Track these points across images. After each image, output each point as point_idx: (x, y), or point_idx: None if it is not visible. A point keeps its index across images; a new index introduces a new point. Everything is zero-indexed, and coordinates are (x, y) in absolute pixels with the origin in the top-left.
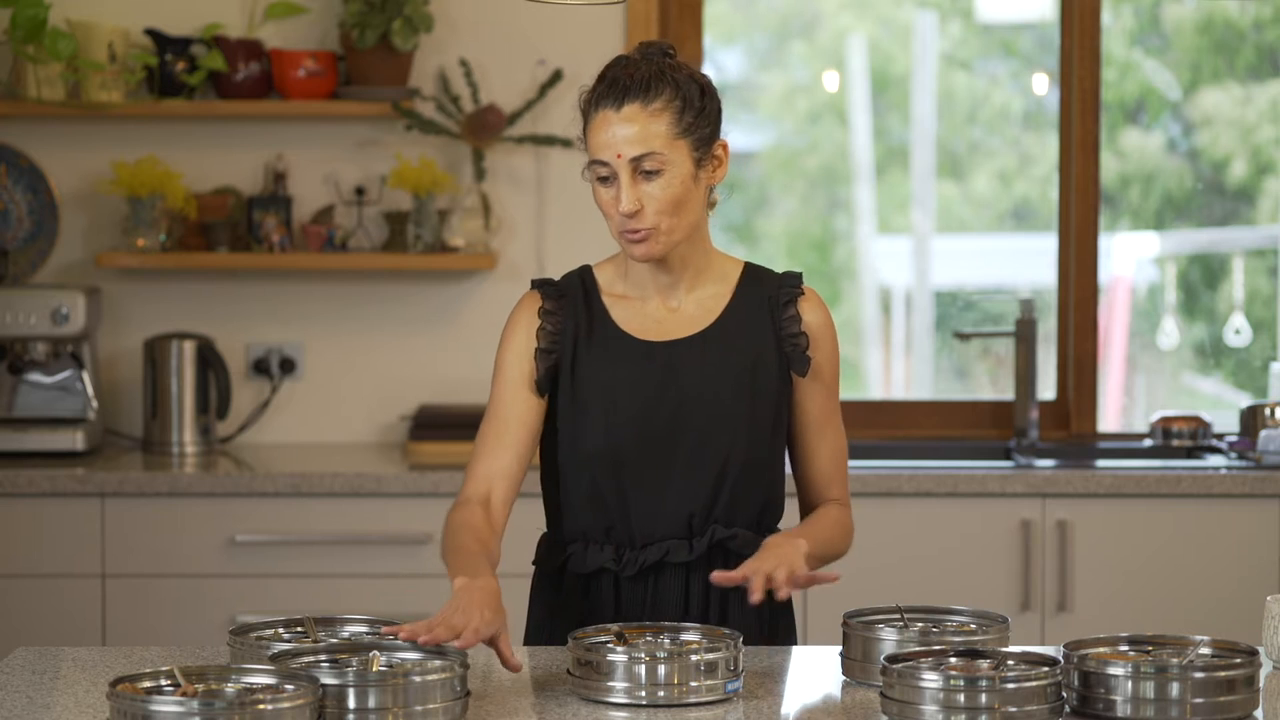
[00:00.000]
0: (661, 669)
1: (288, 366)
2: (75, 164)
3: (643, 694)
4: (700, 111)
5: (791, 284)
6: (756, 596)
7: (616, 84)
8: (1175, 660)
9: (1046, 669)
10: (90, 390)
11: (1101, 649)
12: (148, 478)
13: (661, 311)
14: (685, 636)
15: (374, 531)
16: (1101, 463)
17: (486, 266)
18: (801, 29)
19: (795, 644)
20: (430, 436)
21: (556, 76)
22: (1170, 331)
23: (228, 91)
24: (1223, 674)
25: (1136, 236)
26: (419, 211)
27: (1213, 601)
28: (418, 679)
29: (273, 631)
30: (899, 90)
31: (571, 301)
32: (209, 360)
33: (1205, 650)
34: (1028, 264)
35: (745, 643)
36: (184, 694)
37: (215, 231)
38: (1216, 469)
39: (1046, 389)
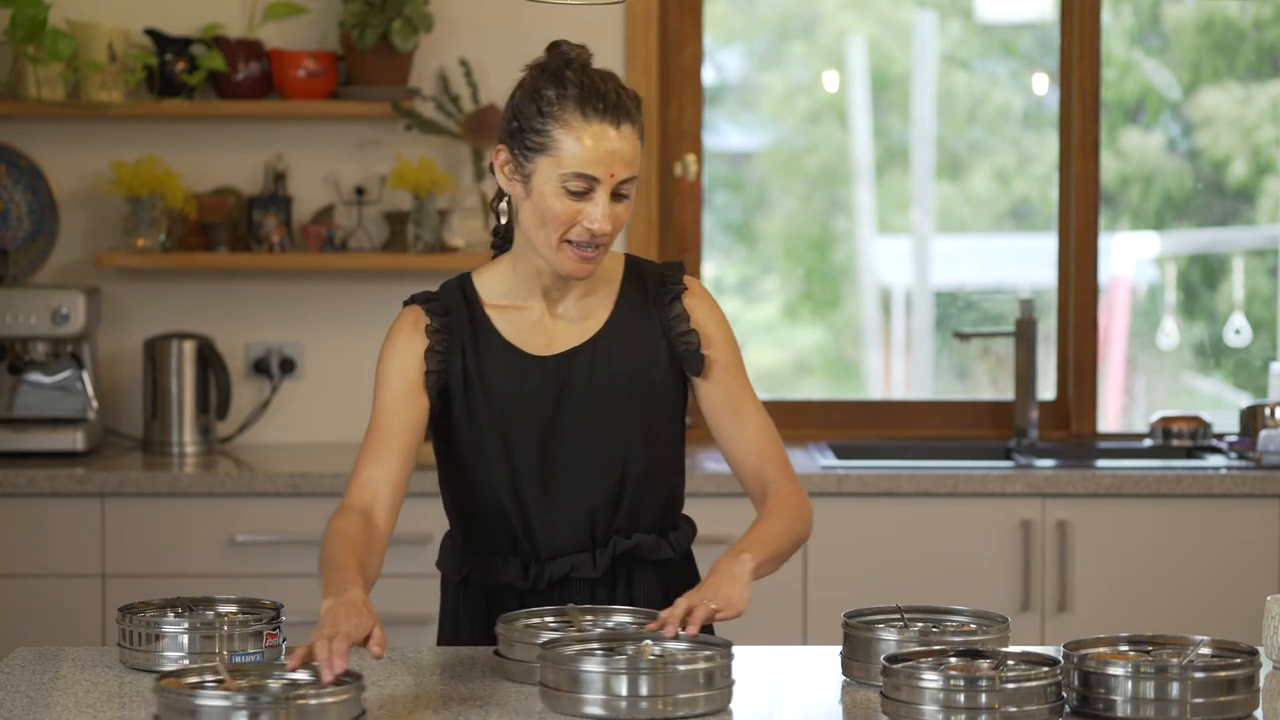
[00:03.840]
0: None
1: (288, 366)
2: (75, 164)
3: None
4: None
5: (672, 279)
6: (670, 630)
7: (604, 97)
8: (1175, 660)
9: (1046, 669)
10: (90, 390)
11: (1101, 649)
12: (148, 478)
13: (546, 320)
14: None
15: None
16: (1101, 463)
17: None
18: (801, 29)
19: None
20: (430, 436)
21: None
22: (1170, 331)
23: (228, 91)
24: (1223, 674)
25: (1136, 236)
26: (419, 211)
27: (1213, 601)
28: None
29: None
30: (899, 90)
31: (457, 318)
32: (209, 360)
33: (1205, 650)
34: (1028, 264)
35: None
36: (227, 689)
37: (215, 231)
38: (1216, 469)
39: (1046, 389)
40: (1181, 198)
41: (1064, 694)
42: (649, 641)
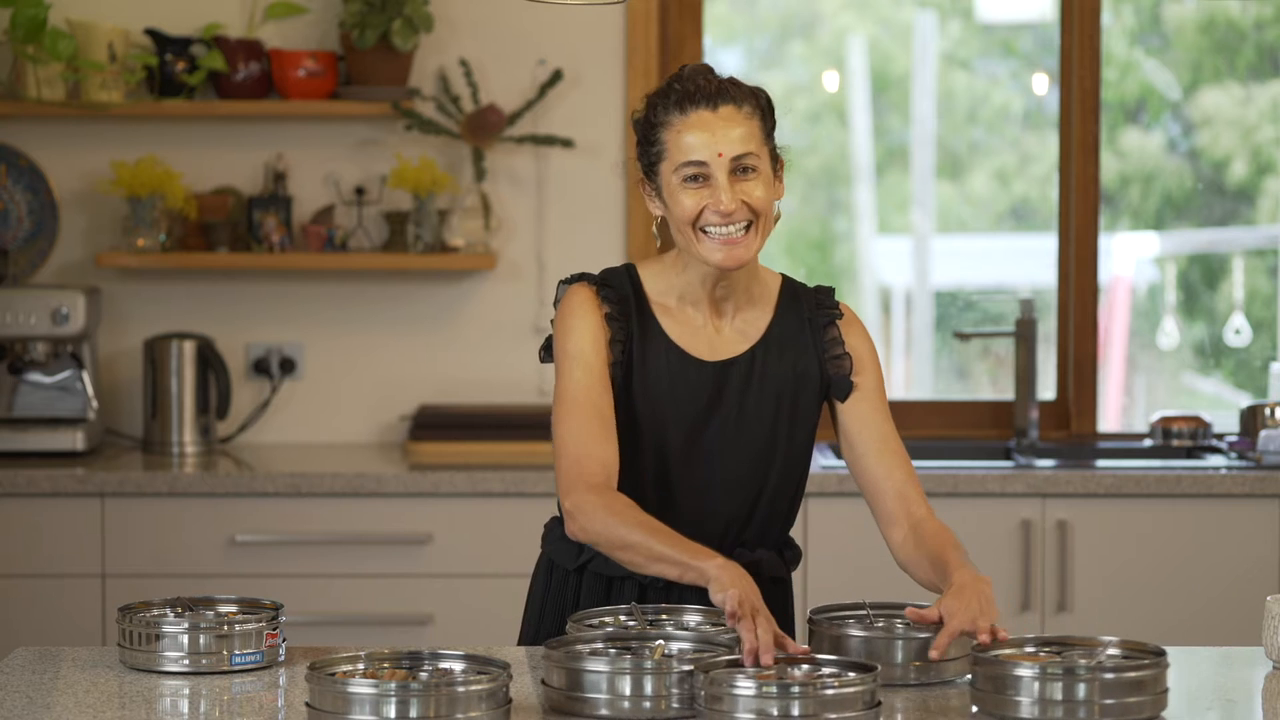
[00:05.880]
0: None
1: (288, 366)
2: (75, 164)
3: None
4: (773, 123)
5: (829, 304)
6: (985, 638)
7: (701, 89)
8: (1083, 661)
9: (858, 675)
10: (90, 390)
11: (1009, 650)
12: (148, 478)
13: (709, 327)
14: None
15: (374, 531)
16: (1101, 463)
17: (486, 266)
18: (801, 29)
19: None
20: (430, 436)
21: (556, 76)
22: (1170, 331)
23: (228, 91)
24: (1130, 675)
25: (1136, 236)
26: (419, 211)
27: (1213, 601)
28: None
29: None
30: (899, 90)
31: (627, 308)
32: (209, 360)
33: (1114, 651)
34: (1028, 264)
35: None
36: (373, 676)
37: (215, 231)
38: (1216, 469)
39: (1046, 389)
40: (1181, 198)
41: (971, 696)
42: (661, 641)
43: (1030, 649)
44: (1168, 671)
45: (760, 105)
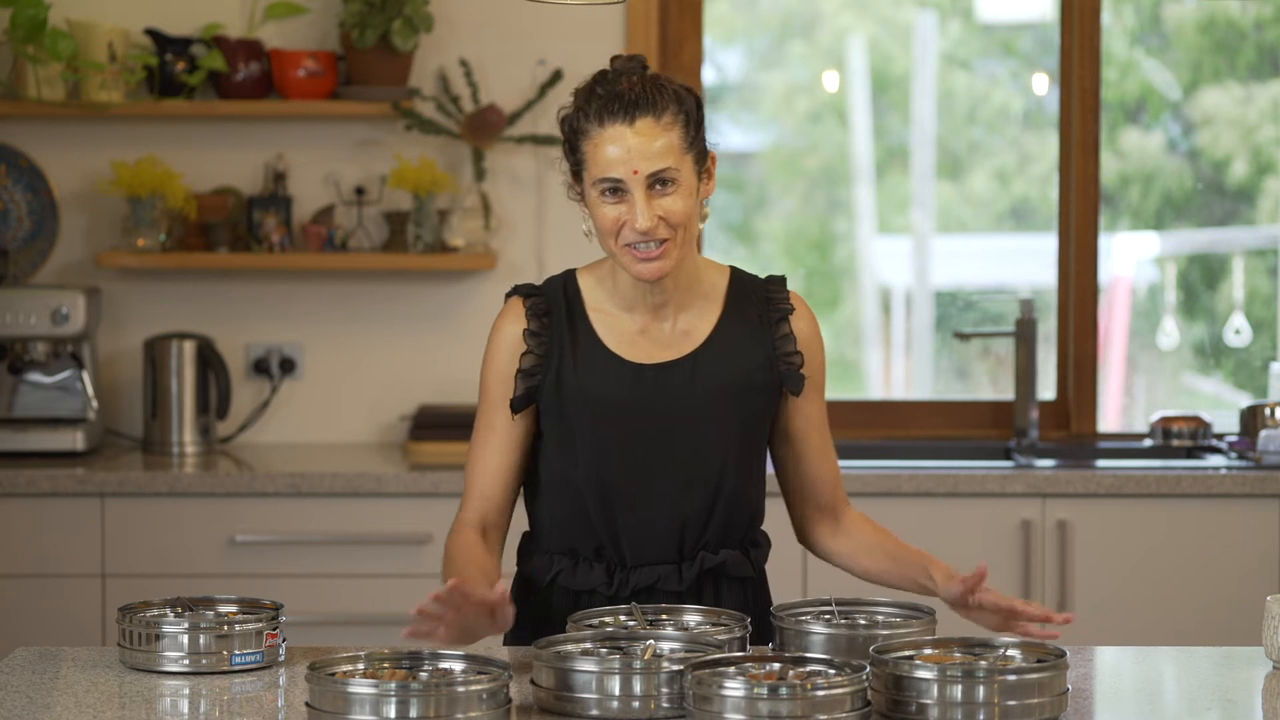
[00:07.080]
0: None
1: (288, 366)
2: (75, 164)
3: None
4: (699, 124)
5: (780, 299)
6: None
7: (621, 97)
8: (983, 663)
9: (848, 675)
10: (90, 390)
11: (908, 651)
12: (148, 478)
13: (650, 329)
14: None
15: (374, 531)
16: (1101, 463)
17: (486, 266)
18: (801, 29)
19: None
20: (430, 436)
21: (556, 76)
22: (1170, 331)
23: (228, 91)
24: (1032, 676)
25: (1136, 236)
26: (419, 211)
27: (1213, 601)
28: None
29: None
30: (899, 90)
31: (556, 318)
32: (209, 360)
33: (1013, 653)
34: (1028, 264)
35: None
36: (373, 676)
37: (215, 231)
38: (1216, 469)
39: (1046, 389)
40: (1181, 198)
41: (870, 698)
42: (652, 641)
43: (928, 651)
44: (1067, 673)
45: (684, 109)
